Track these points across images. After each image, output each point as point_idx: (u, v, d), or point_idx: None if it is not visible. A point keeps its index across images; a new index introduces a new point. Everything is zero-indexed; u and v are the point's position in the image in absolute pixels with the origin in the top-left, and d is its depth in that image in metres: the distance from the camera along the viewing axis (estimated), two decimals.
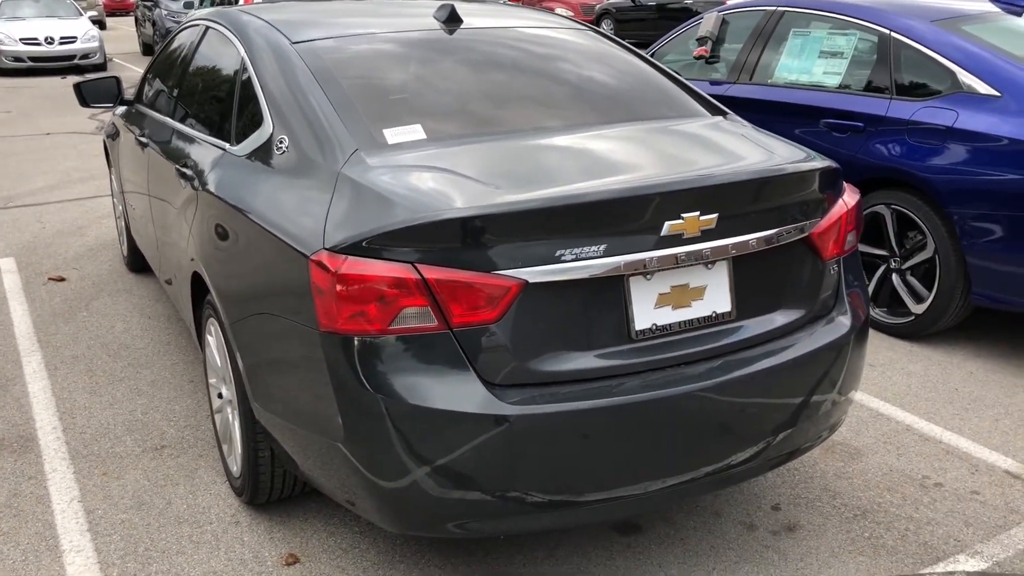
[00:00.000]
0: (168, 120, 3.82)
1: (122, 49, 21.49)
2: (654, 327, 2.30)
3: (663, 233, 2.23)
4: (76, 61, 16.79)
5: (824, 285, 2.58)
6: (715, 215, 2.28)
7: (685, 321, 2.35)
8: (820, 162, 2.57)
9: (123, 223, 5.25)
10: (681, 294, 2.33)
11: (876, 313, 4.44)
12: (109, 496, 3.09)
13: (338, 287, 2.11)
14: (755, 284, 2.45)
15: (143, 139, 4.05)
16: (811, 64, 4.80)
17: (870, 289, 4.45)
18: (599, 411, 2.19)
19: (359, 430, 2.18)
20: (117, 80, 4.63)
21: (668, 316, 2.32)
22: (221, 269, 2.77)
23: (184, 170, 3.23)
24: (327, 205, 2.29)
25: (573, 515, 2.31)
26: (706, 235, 2.29)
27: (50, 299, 5.01)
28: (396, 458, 2.16)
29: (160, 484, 3.16)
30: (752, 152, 2.58)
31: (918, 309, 4.22)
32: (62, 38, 16.80)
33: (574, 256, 2.16)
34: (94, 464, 3.29)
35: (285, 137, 2.64)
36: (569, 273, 2.16)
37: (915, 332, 4.29)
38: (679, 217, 2.24)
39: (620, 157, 2.46)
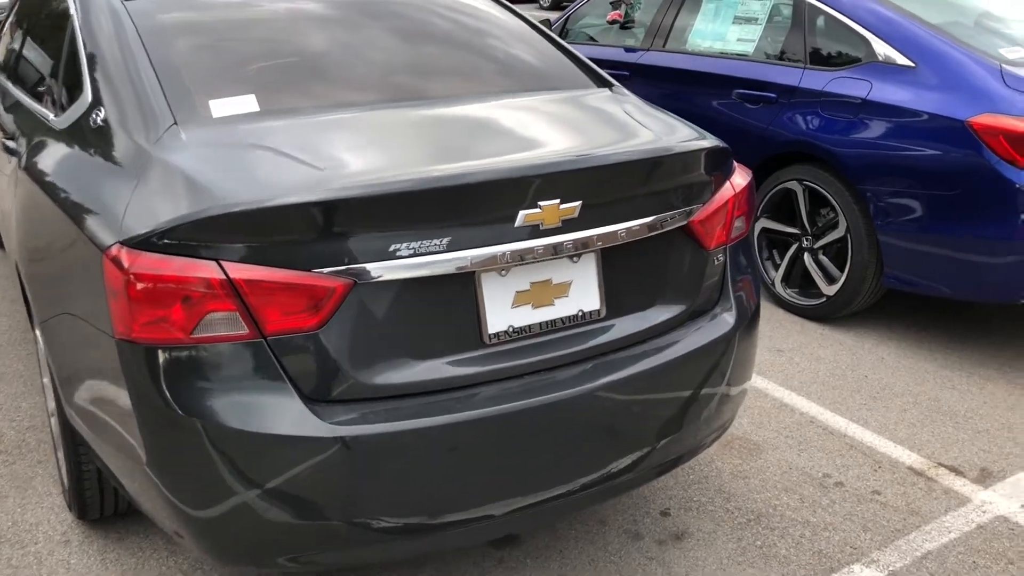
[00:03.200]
0: (7, 84, 3.42)
1: None
2: (511, 329, 2.03)
3: (517, 224, 1.95)
4: None
5: (707, 277, 2.33)
6: (578, 203, 2.00)
7: (547, 322, 2.08)
8: (704, 141, 2.31)
9: None
10: (542, 291, 2.06)
11: (787, 294, 4.24)
12: None
13: (131, 288, 1.79)
14: (628, 278, 2.19)
15: None
16: (725, 30, 4.54)
17: (781, 269, 4.25)
18: (445, 427, 1.92)
19: (163, 453, 1.88)
20: None
21: (527, 316, 2.05)
22: (30, 260, 2.43)
23: (8, 143, 2.86)
24: (131, 190, 1.96)
25: (433, 540, 2.05)
26: (568, 225, 2.02)
27: None
28: (207, 485, 1.87)
29: None
30: (629, 130, 2.31)
31: (830, 291, 4.03)
32: None
33: (412, 251, 1.87)
34: None
35: (102, 108, 2.29)
36: (406, 271, 1.87)
37: (827, 314, 4.10)
38: (536, 206, 1.96)
39: (479, 136, 2.17)
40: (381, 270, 1.85)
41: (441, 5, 2.94)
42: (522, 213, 1.94)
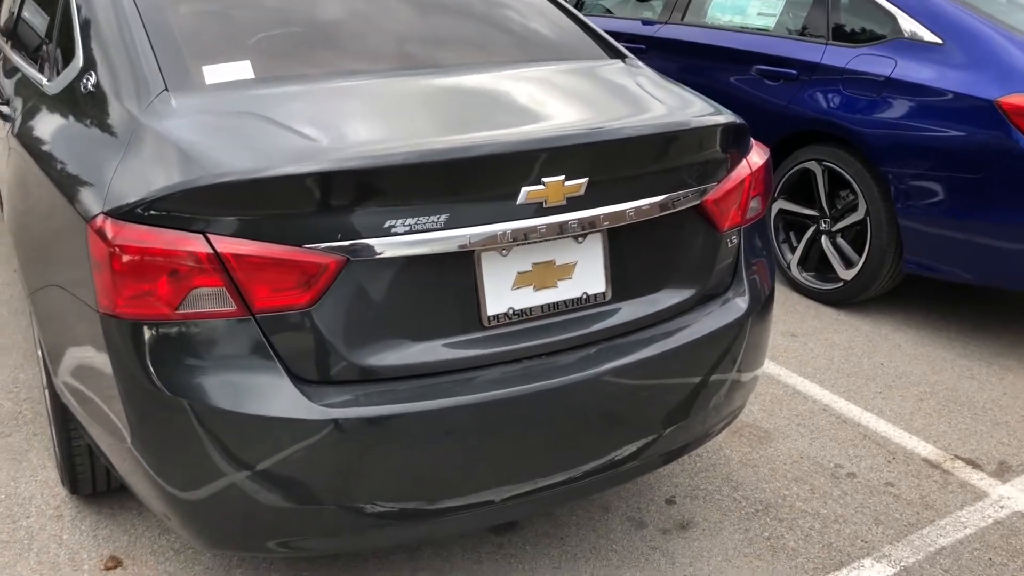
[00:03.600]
0: (6, 48, 3.34)
1: None
2: (511, 312, 1.94)
3: (520, 201, 1.86)
4: None
5: (719, 260, 2.23)
6: (583, 180, 1.91)
7: (550, 304, 1.99)
8: (719, 117, 2.20)
9: None
10: (545, 273, 1.97)
11: (803, 277, 4.13)
12: None
13: (115, 260, 1.72)
14: (636, 260, 2.10)
15: None
16: (745, 4, 4.40)
17: (797, 252, 4.14)
18: (440, 411, 1.84)
19: (147, 432, 1.81)
20: None
21: (528, 299, 1.96)
22: (20, 227, 2.36)
23: (3, 108, 2.78)
24: (118, 159, 1.88)
25: (428, 526, 1.98)
26: (573, 204, 1.92)
27: None
28: (193, 466, 1.80)
29: None
30: (640, 103, 2.21)
31: (847, 275, 3.92)
32: None
33: (408, 228, 1.78)
34: None
35: (93, 73, 2.21)
36: (402, 248, 1.79)
37: (844, 299, 4.00)
38: (539, 182, 1.86)
39: (482, 107, 2.07)
40: (375, 247, 1.77)
41: None
42: (524, 190, 1.85)
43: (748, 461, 2.92)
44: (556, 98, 2.16)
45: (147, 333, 1.75)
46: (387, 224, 1.77)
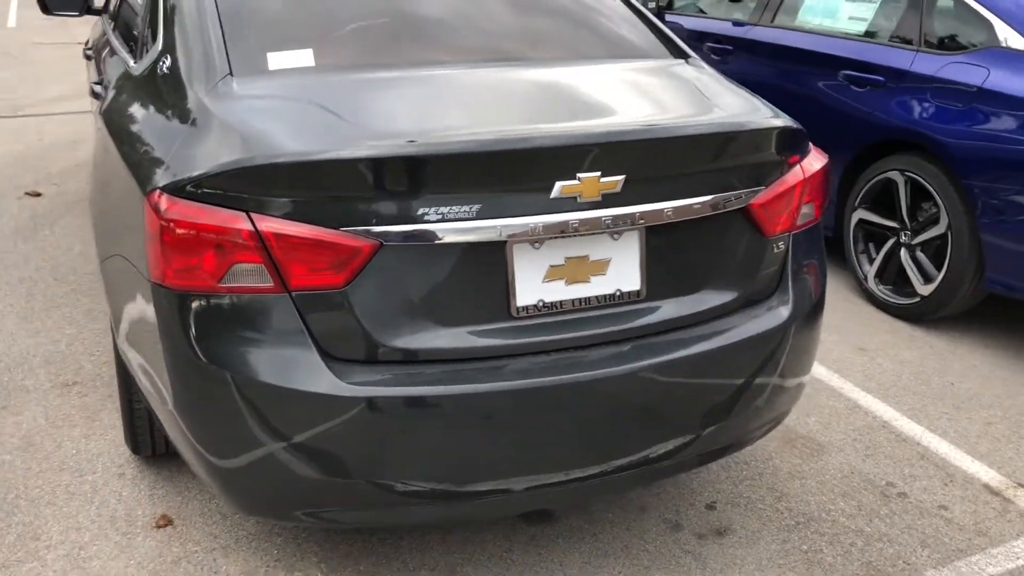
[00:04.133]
0: (109, 31, 3.54)
1: None
2: (540, 304, 1.97)
3: (553, 195, 1.88)
4: None
5: (764, 265, 2.20)
6: (620, 177, 1.92)
7: (581, 299, 2.01)
8: (771, 120, 2.17)
9: None
10: (578, 267, 1.99)
11: (880, 290, 4.01)
12: (0, 434, 2.90)
13: (165, 233, 1.82)
14: (674, 260, 2.09)
15: (88, 52, 3.78)
16: (837, 7, 4.29)
17: (875, 264, 4.02)
18: (465, 396, 1.89)
19: (187, 397, 1.92)
20: None
21: (559, 292, 1.99)
22: (95, 200, 2.51)
23: (96, 87, 2.96)
24: (178, 137, 1.99)
25: (455, 508, 2.03)
26: (609, 200, 1.93)
27: (19, 215, 4.84)
28: (227, 434, 1.89)
29: (57, 424, 2.96)
30: (691, 103, 2.20)
31: (925, 290, 3.79)
32: None
33: (440, 216, 1.83)
34: None
35: (169, 56, 2.33)
36: (433, 236, 1.83)
37: (920, 315, 3.87)
38: (574, 178, 1.88)
39: (529, 102, 2.10)
40: (408, 233, 1.82)
41: None
42: (559, 184, 1.87)
43: (797, 472, 2.86)
44: (604, 96, 2.17)
45: (190, 304, 1.85)
46: (420, 212, 1.82)
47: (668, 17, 5.34)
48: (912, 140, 3.75)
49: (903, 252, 3.90)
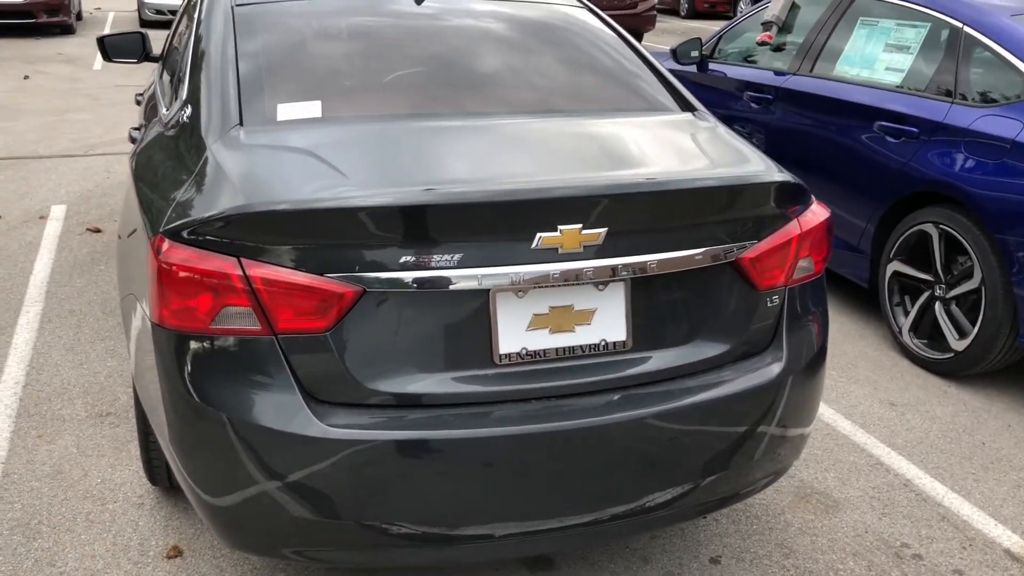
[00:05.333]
0: (156, 79, 3.73)
1: None
2: (523, 352, 2.00)
3: (534, 246, 1.92)
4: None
5: (756, 319, 2.20)
6: (602, 230, 1.95)
7: (565, 348, 2.04)
8: (765, 176, 2.18)
9: None
10: (562, 317, 2.02)
11: (914, 344, 3.92)
12: (32, 461, 3.04)
13: (163, 276, 1.92)
14: (662, 311, 2.11)
15: (139, 97, 3.98)
16: (875, 58, 4.26)
17: (910, 317, 3.94)
18: (446, 442, 1.92)
19: (181, 435, 2.00)
20: (142, 36, 4.58)
21: (543, 340, 2.02)
22: (119, 240, 2.64)
23: (133, 132, 3.12)
24: (184, 184, 2.10)
25: (449, 552, 2.06)
26: (592, 252, 1.97)
27: (79, 249, 5.07)
28: (217, 471, 1.96)
29: (87, 453, 3.09)
30: (684, 157, 2.23)
31: (959, 345, 3.70)
32: None
33: (422, 264, 1.89)
34: (35, 425, 3.25)
35: (190, 105, 2.46)
36: (414, 283, 1.89)
37: (954, 371, 3.77)
38: (555, 229, 1.92)
39: (521, 154, 2.16)
40: (390, 280, 1.88)
41: (547, 25, 2.93)
42: (539, 235, 1.92)
43: (808, 529, 2.81)
44: (597, 149, 2.21)
45: (185, 343, 1.93)
46: (403, 259, 1.88)
47: (711, 66, 5.36)
48: (946, 193, 3.69)
49: (938, 306, 3.82)
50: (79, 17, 16.37)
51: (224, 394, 1.91)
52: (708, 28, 17.96)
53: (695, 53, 5.29)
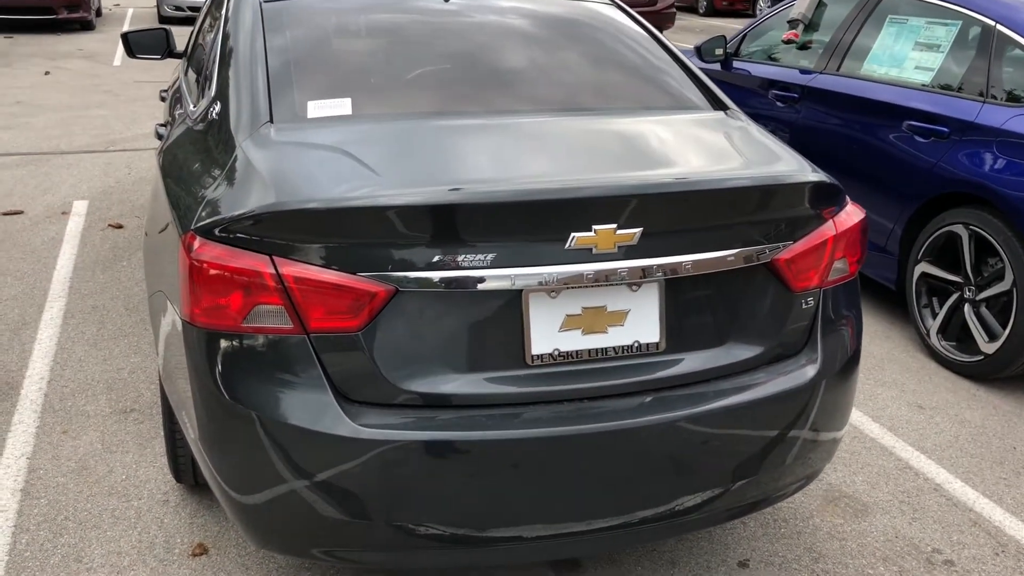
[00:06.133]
0: (181, 75, 3.73)
1: None
2: (556, 353, 1.98)
3: (568, 246, 1.90)
4: None
5: (790, 320, 2.17)
6: (636, 230, 1.92)
7: (598, 349, 2.01)
8: (799, 176, 2.15)
9: None
10: (595, 318, 2.00)
11: (943, 347, 3.88)
12: (58, 456, 3.04)
13: (196, 274, 1.90)
14: (696, 313, 2.08)
15: (163, 94, 3.98)
16: (904, 57, 4.21)
17: (939, 319, 3.89)
18: (477, 443, 1.90)
19: (210, 433, 1.99)
20: (166, 32, 4.59)
21: (576, 342, 1.99)
22: (146, 237, 2.63)
23: (160, 128, 3.11)
24: (215, 181, 2.08)
25: (473, 553, 2.04)
26: (626, 252, 1.94)
27: (101, 245, 5.08)
28: (246, 470, 1.95)
29: (111, 449, 3.09)
30: (719, 156, 2.20)
31: (989, 348, 3.65)
32: None
33: (455, 264, 1.87)
34: (60, 420, 3.26)
35: (219, 103, 2.45)
36: (447, 283, 1.87)
37: (984, 374, 3.72)
38: (589, 229, 1.90)
39: (553, 153, 2.14)
40: (423, 279, 1.86)
41: (576, 23, 2.91)
42: (574, 235, 1.89)
43: (837, 533, 2.78)
44: (631, 148, 2.19)
45: (216, 342, 1.92)
46: (436, 259, 1.86)
47: (736, 64, 5.32)
48: (976, 193, 3.64)
49: (967, 308, 3.77)
50: (99, 13, 16.47)
51: (255, 393, 1.90)
52: (727, 26, 17.88)
53: (720, 51, 5.25)
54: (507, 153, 2.11)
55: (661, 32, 15.43)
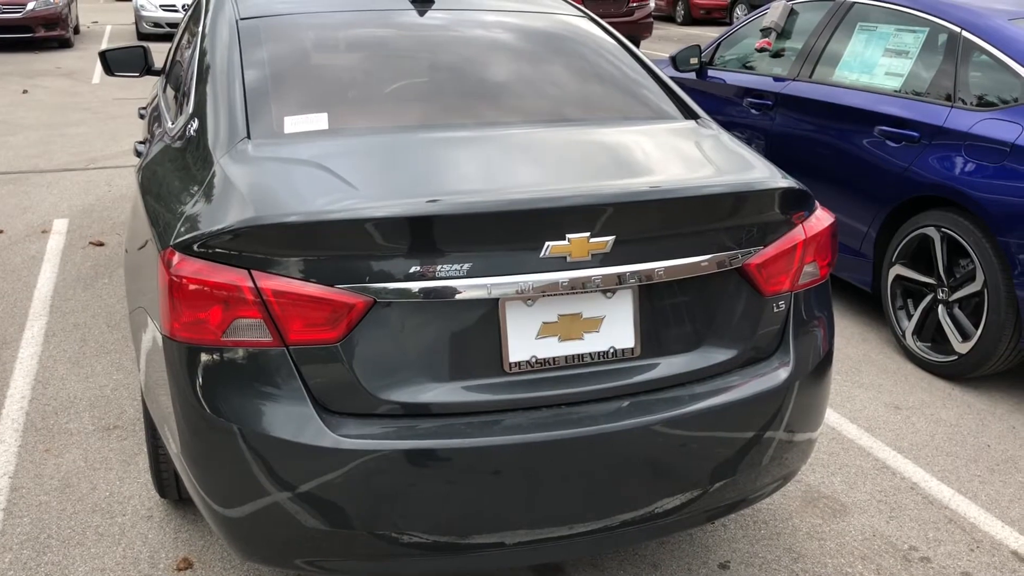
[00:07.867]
0: (160, 92, 3.74)
1: None
2: (533, 360, 2.01)
3: (543, 255, 1.94)
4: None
5: (762, 324, 2.21)
6: (609, 238, 1.96)
7: (574, 356, 2.05)
8: (768, 182, 2.19)
9: None
10: (571, 324, 2.03)
11: (918, 348, 3.93)
12: (40, 475, 3.04)
13: (174, 289, 1.93)
14: (670, 318, 2.12)
15: (142, 111, 4.00)
16: (874, 63, 4.29)
17: (913, 320, 3.95)
18: (457, 451, 1.93)
19: (192, 446, 2.00)
20: (144, 49, 4.60)
21: (552, 348, 2.03)
22: (126, 254, 2.65)
23: (139, 145, 3.13)
24: (192, 197, 2.11)
25: (461, 560, 2.07)
26: (600, 260, 1.98)
27: (82, 263, 5.08)
28: (228, 482, 1.97)
29: (94, 467, 3.09)
30: (689, 164, 2.24)
31: (962, 348, 3.71)
32: (184, 5, 16.86)
33: (432, 274, 1.90)
34: (42, 439, 3.26)
35: (196, 119, 2.47)
36: (424, 293, 1.90)
37: (958, 374, 3.78)
38: (563, 238, 1.93)
39: (527, 164, 2.17)
40: (400, 290, 1.89)
41: (548, 35, 2.95)
42: (548, 244, 1.93)
43: (816, 533, 2.82)
44: (602, 158, 2.23)
45: (196, 356, 1.94)
46: (413, 269, 1.89)
47: (711, 73, 5.39)
48: (947, 196, 3.71)
49: (941, 309, 3.83)
50: (76, 31, 16.42)
51: (236, 406, 1.92)
52: (704, 34, 18.03)
53: (694, 60, 5.31)
54: (482, 164, 2.14)
55: (638, 42, 15.40)
